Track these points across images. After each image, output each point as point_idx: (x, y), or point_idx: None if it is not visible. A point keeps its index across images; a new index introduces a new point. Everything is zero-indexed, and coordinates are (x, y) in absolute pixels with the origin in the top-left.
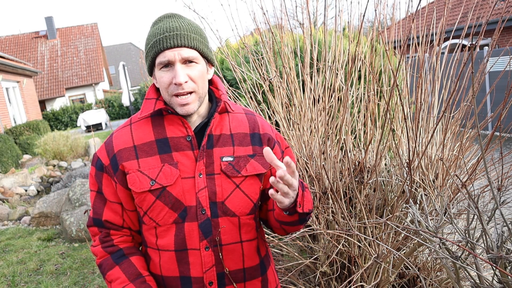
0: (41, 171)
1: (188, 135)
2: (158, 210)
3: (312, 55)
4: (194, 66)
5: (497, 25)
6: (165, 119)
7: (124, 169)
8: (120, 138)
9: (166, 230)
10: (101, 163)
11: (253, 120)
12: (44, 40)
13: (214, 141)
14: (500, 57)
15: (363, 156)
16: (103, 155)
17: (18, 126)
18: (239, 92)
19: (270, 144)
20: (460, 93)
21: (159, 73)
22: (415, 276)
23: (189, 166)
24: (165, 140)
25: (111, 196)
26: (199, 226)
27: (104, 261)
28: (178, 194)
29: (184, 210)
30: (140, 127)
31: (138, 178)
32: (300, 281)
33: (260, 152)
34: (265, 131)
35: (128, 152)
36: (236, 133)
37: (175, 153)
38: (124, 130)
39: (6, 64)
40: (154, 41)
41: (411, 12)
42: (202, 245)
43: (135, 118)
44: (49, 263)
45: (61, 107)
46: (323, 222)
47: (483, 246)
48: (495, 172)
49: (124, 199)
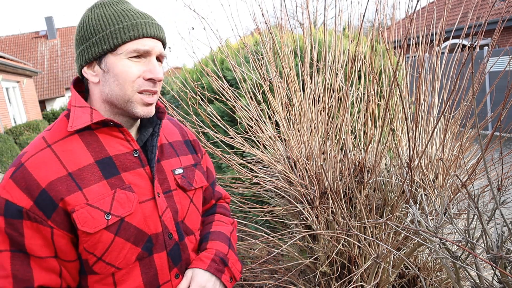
0: None
1: (135, 150)
2: (118, 250)
3: (312, 55)
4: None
5: (497, 25)
6: (99, 133)
7: (65, 207)
8: (42, 167)
9: (128, 272)
10: (17, 207)
11: (179, 126)
12: (44, 40)
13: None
14: (500, 57)
15: (363, 156)
16: (17, 196)
17: (18, 126)
18: (239, 92)
19: (201, 151)
20: (460, 93)
21: (126, 62)
22: (415, 276)
23: (144, 186)
24: (109, 160)
25: (41, 250)
26: (168, 254)
27: None
28: (139, 223)
29: (148, 241)
30: (67, 148)
31: (89, 215)
32: (300, 281)
33: (198, 160)
34: (193, 137)
35: (66, 183)
36: (173, 141)
37: (124, 174)
38: (43, 155)
39: (6, 64)
40: (130, 23)
41: (411, 12)
42: (172, 273)
43: (52, 136)
44: None
45: (61, 107)
46: (323, 222)
47: (483, 246)
48: (495, 172)
49: (63, 248)
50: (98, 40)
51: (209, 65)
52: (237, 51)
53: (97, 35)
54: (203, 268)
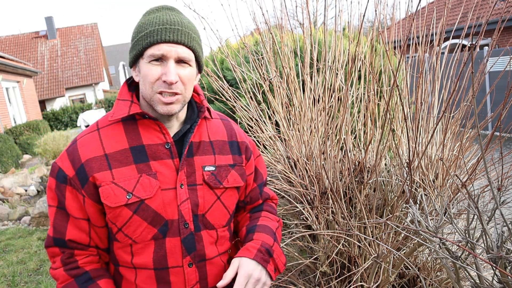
0: (41, 171)
1: (167, 142)
2: (135, 226)
3: (312, 55)
4: (186, 67)
5: (497, 25)
6: (140, 124)
7: (95, 181)
8: (87, 146)
9: (143, 247)
10: (64, 174)
11: (230, 127)
12: (44, 40)
13: (194, 149)
14: (500, 57)
15: (363, 156)
16: (66, 165)
17: (18, 126)
18: (239, 92)
19: (248, 153)
20: (460, 93)
21: (147, 66)
22: (415, 276)
23: (169, 176)
24: (141, 148)
25: (76, 212)
26: (182, 241)
27: (68, 286)
28: (158, 207)
29: (165, 225)
30: (110, 133)
31: (112, 191)
32: (300, 281)
33: (240, 161)
34: (242, 138)
35: (99, 162)
36: (215, 140)
37: (153, 162)
38: (91, 136)
39: (6, 64)
40: (150, 30)
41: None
42: (185, 261)
43: (103, 122)
44: (49, 263)
45: (61, 107)
46: (323, 222)
47: (483, 246)
48: (495, 172)
49: (92, 215)
50: (133, 46)
51: (209, 65)
52: (237, 51)
53: (132, 41)
54: (249, 257)
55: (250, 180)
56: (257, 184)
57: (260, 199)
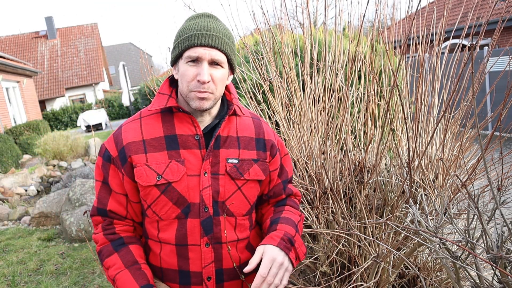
0: (41, 171)
1: (197, 134)
2: (162, 205)
3: (312, 55)
4: (219, 69)
5: (497, 25)
6: (175, 116)
7: (132, 162)
8: (129, 131)
9: (168, 224)
10: (109, 154)
11: (259, 125)
12: (44, 40)
13: (221, 142)
14: (500, 57)
15: (363, 156)
16: (111, 147)
17: (18, 126)
18: (239, 92)
19: (273, 150)
20: (460, 93)
21: (185, 66)
22: (415, 276)
23: (196, 164)
24: (174, 137)
25: (117, 187)
26: (201, 223)
27: (104, 247)
28: (183, 190)
29: (188, 207)
30: (149, 122)
31: (145, 172)
32: (300, 281)
33: (264, 157)
34: (270, 137)
35: (137, 146)
36: (243, 136)
37: (182, 151)
38: (134, 124)
39: (6, 64)
40: (189, 35)
41: (411, 12)
42: (203, 241)
43: (145, 112)
44: (49, 263)
45: (61, 107)
46: (323, 222)
47: (483, 246)
48: (495, 172)
49: (129, 191)
50: (174, 48)
51: None
52: (237, 51)
53: (174, 44)
54: (273, 244)
55: (274, 175)
56: (281, 180)
57: (283, 194)
